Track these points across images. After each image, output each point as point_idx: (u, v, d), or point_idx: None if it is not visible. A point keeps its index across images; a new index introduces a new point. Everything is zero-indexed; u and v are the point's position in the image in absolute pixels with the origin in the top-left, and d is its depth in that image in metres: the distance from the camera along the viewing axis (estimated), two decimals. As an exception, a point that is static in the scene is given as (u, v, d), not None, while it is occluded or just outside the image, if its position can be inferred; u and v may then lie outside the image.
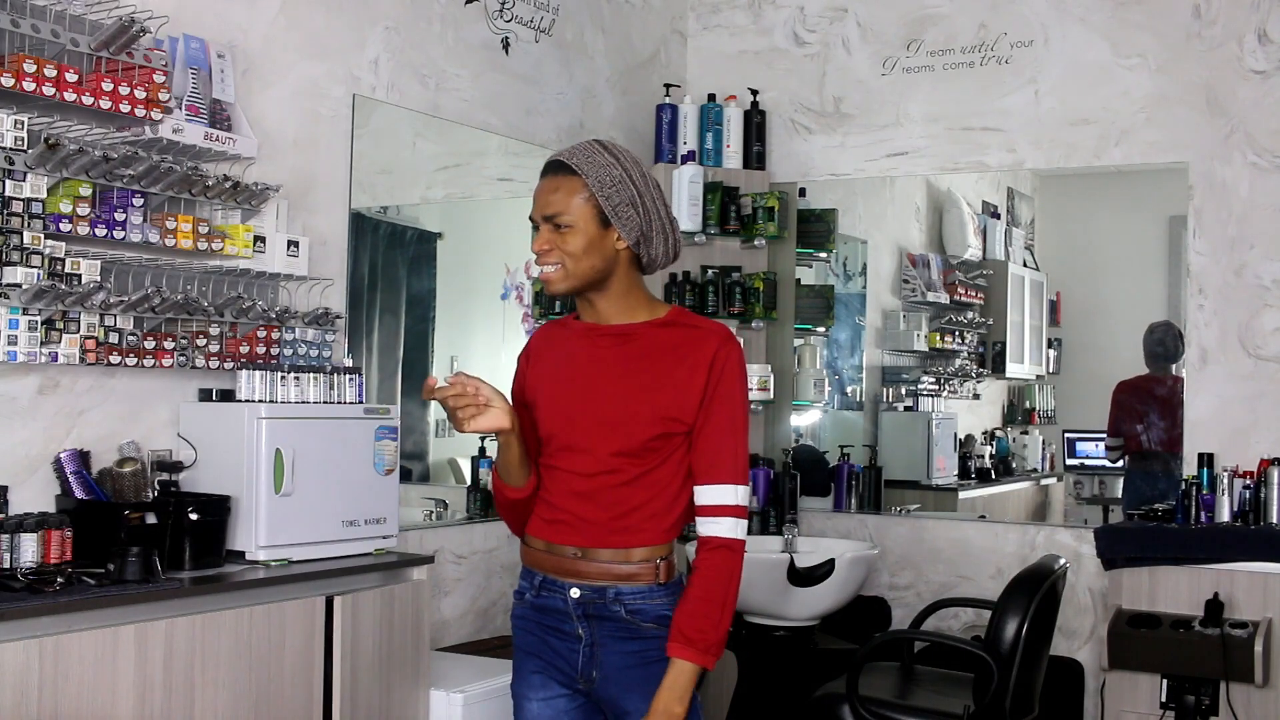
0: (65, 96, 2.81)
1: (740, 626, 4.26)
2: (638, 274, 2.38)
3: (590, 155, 2.30)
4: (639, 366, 2.33)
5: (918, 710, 3.51)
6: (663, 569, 2.33)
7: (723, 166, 4.96)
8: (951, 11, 4.84)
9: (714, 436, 2.30)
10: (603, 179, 2.28)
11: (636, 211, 2.30)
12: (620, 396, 2.31)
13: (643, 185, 2.31)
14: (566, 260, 2.30)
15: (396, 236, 4.18)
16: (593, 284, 2.33)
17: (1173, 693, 3.85)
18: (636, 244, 2.32)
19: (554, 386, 2.39)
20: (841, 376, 5.43)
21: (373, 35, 3.87)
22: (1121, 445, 4.85)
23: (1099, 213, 5.18)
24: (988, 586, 4.44)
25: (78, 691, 2.54)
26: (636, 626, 2.32)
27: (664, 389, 2.29)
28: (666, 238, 2.36)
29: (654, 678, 2.31)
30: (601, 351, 2.36)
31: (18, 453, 2.91)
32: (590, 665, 2.34)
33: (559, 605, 2.35)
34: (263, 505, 3.05)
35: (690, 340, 2.33)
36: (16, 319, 2.80)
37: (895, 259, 5.51)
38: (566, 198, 2.28)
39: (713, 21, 5.28)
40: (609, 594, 2.32)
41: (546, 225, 2.31)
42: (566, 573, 2.35)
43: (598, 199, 2.28)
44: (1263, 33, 4.31)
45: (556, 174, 2.31)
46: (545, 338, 2.50)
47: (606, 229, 2.30)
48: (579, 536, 2.34)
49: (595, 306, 2.38)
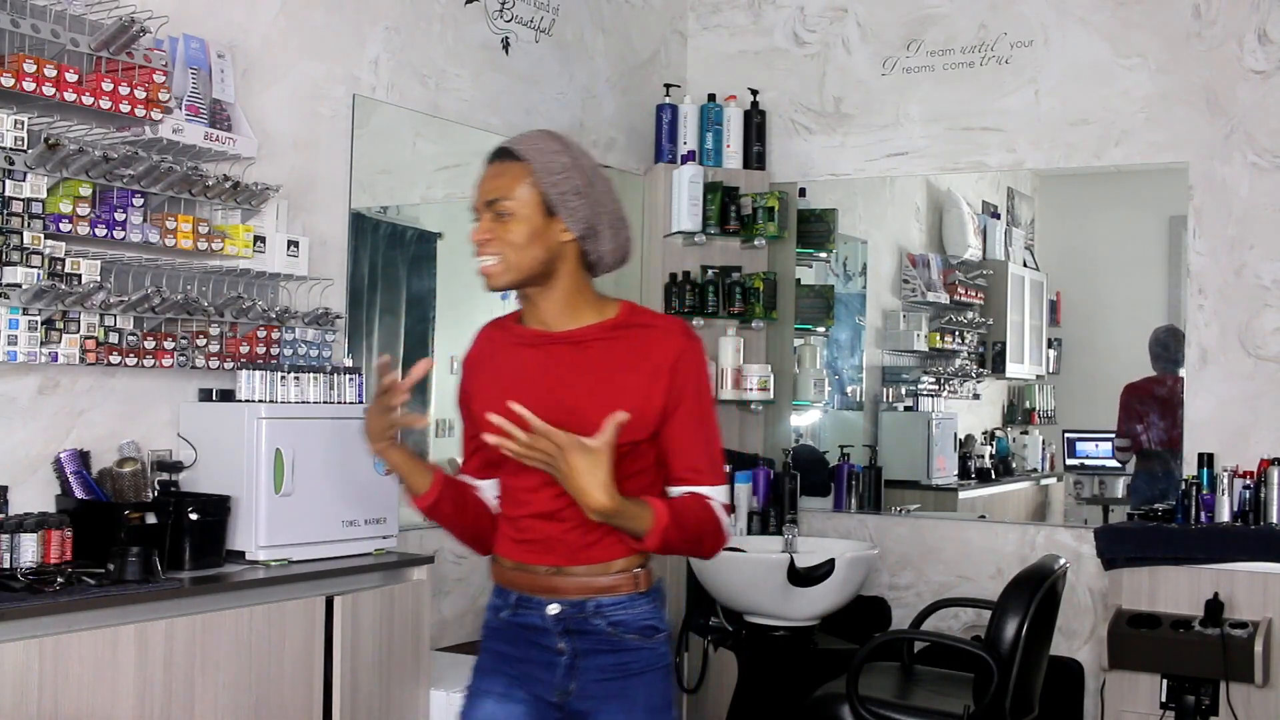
0: (65, 96, 2.81)
1: (740, 626, 4.26)
2: (585, 274, 2.25)
3: (537, 142, 2.19)
4: (596, 376, 2.19)
5: (918, 710, 3.51)
6: (642, 577, 2.24)
7: (723, 166, 4.96)
8: (951, 11, 4.84)
9: (687, 440, 2.20)
10: (549, 165, 2.16)
11: (584, 202, 2.18)
12: (580, 411, 2.15)
13: (592, 176, 2.20)
14: (508, 251, 2.17)
15: (396, 236, 4.18)
16: (535, 279, 2.20)
17: (1173, 693, 3.85)
18: (583, 237, 2.19)
19: (504, 404, 2.19)
20: (841, 376, 5.42)
21: (373, 35, 3.87)
22: (1129, 446, 4.86)
23: (1099, 213, 5.18)
24: (988, 586, 4.44)
25: (78, 691, 2.54)
26: (619, 638, 2.22)
27: (625, 398, 2.16)
28: (616, 235, 2.24)
29: (633, 690, 2.22)
30: (554, 362, 2.22)
31: (18, 453, 2.91)
32: (569, 679, 2.22)
33: (537, 622, 2.23)
34: (263, 505, 3.05)
35: (647, 342, 2.21)
36: (16, 319, 2.80)
37: (895, 259, 5.51)
38: (510, 183, 2.16)
39: (713, 21, 5.28)
40: (589, 607, 2.21)
41: (488, 213, 2.18)
42: (542, 590, 2.23)
43: (543, 186, 2.15)
44: (1263, 33, 4.31)
45: (501, 160, 2.20)
46: (488, 342, 2.34)
47: (551, 219, 2.17)
48: (552, 555, 2.22)
49: (538, 307, 2.25)
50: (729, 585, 4.19)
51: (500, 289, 2.22)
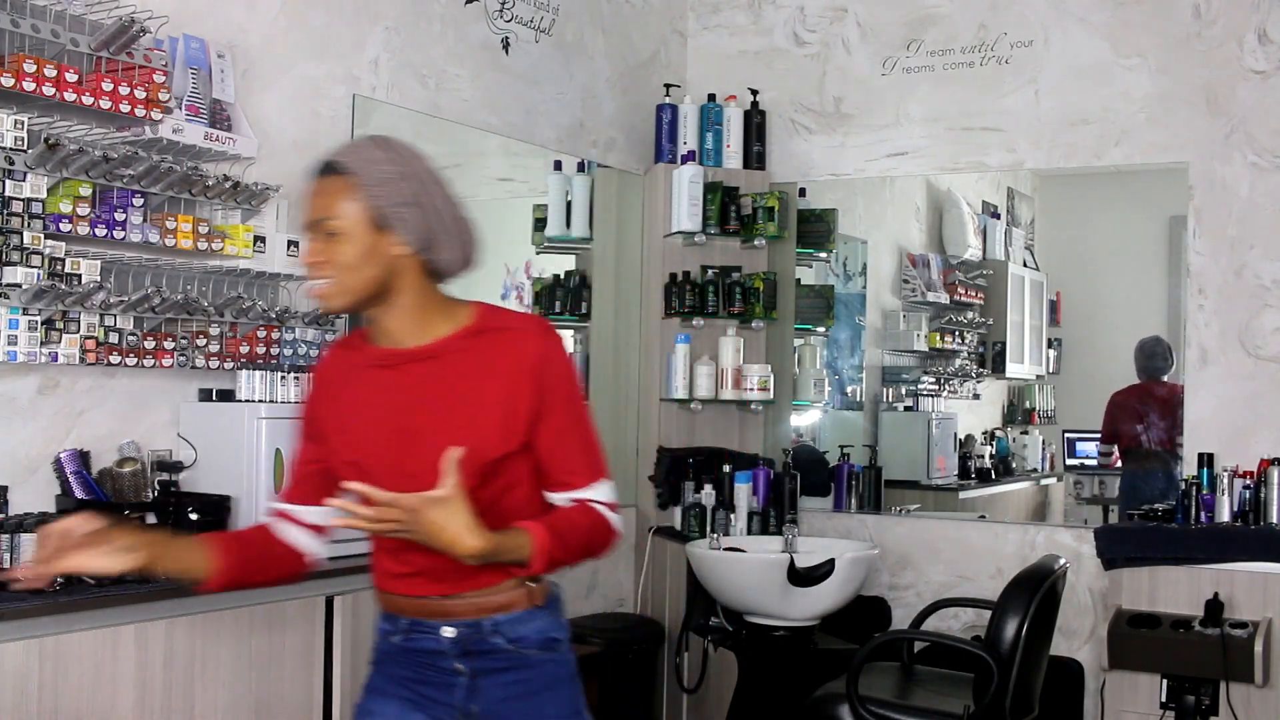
0: (65, 96, 2.81)
1: (740, 626, 4.26)
2: (430, 283, 2.09)
3: (362, 152, 2.04)
4: (456, 392, 2.06)
5: (918, 710, 3.50)
6: (537, 591, 2.13)
7: (723, 166, 4.95)
8: (951, 11, 4.84)
9: (561, 443, 2.09)
10: (375, 177, 2.01)
11: (417, 212, 2.02)
12: (444, 433, 2.02)
13: (424, 182, 2.05)
14: (339, 272, 2.01)
15: (396, 236, 4.18)
16: (374, 298, 2.05)
17: (1173, 693, 3.85)
18: (420, 249, 2.04)
19: (361, 435, 2.09)
20: (841, 376, 5.43)
21: (373, 35, 3.87)
22: (1111, 452, 4.95)
23: (1099, 213, 5.18)
24: (988, 586, 4.44)
25: (78, 691, 2.54)
26: (520, 655, 2.12)
27: (490, 410, 2.04)
28: (458, 241, 2.08)
29: (541, 707, 2.14)
30: (410, 382, 2.08)
31: (18, 453, 2.91)
32: (470, 699, 2.12)
33: (432, 646, 2.12)
34: (263, 505, 3.04)
35: (506, 346, 2.08)
36: (16, 319, 2.80)
37: (895, 259, 5.51)
38: (335, 200, 2.01)
39: (713, 21, 5.28)
40: (485, 626, 2.10)
41: (316, 233, 2.03)
42: (435, 614, 2.11)
43: (370, 200, 2.00)
44: (1263, 33, 4.31)
45: (324, 175, 2.05)
46: (336, 366, 2.18)
47: (383, 233, 2.01)
48: (439, 585, 2.10)
49: (385, 326, 2.09)
50: (729, 585, 4.19)
51: (338, 312, 2.09)
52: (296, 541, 2.18)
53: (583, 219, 4.76)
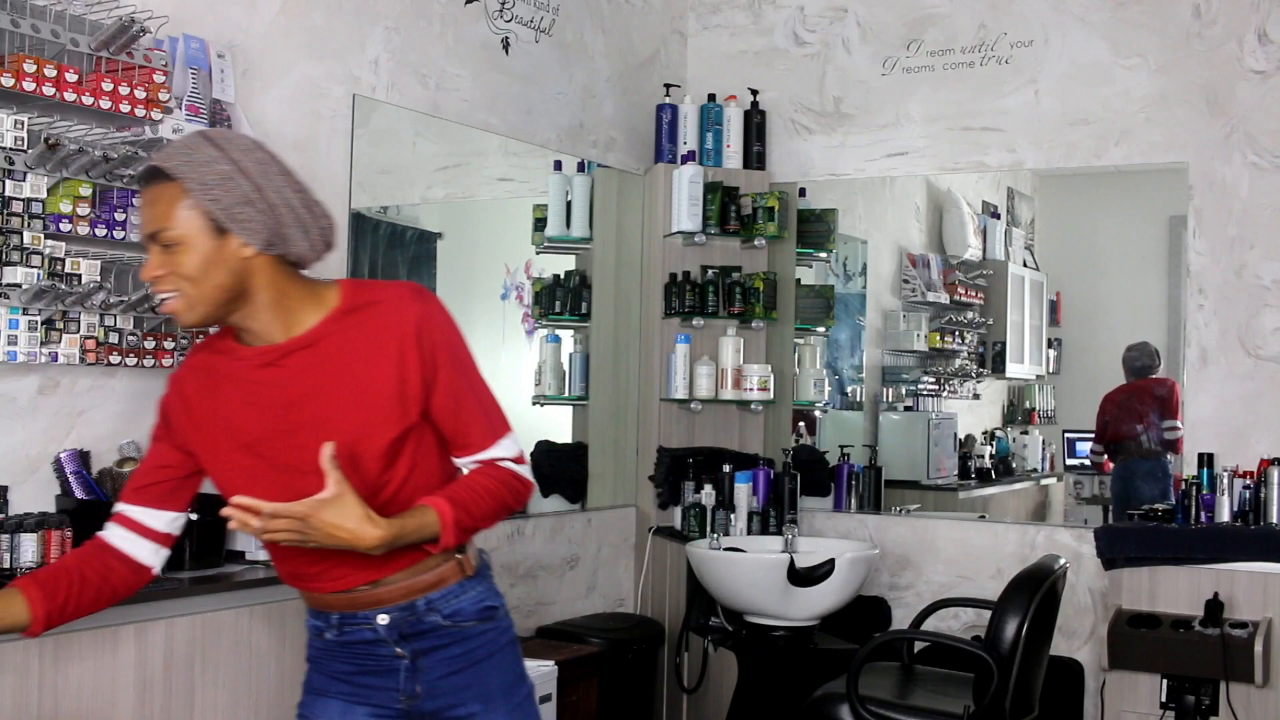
0: (65, 96, 2.81)
1: (740, 626, 4.26)
2: (289, 273, 1.99)
3: (188, 154, 1.90)
4: (341, 377, 1.98)
5: (918, 710, 3.51)
6: (465, 561, 2.10)
7: (723, 166, 4.96)
8: (951, 11, 4.84)
9: (457, 406, 2.03)
10: (205, 179, 1.88)
11: (256, 209, 1.91)
12: (336, 420, 1.96)
13: (260, 176, 1.92)
14: (185, 285, 1.91)
15: (396, 236, 4.18)
16: (230, 304, 1.95)
17: (1173, 693, 3.85)
18: (268, 245, 1.93)
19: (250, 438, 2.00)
20: (841, 376, 5.43)
21: (373, 35, 3.87)
22: (1103, 453, 5.02)
23: (1099, 213, 5.18)
24: (988, 586, 4.44)
25: (78, 691, 2.54)
26: (459, 629, 2.09)
27: (381, 387, 1.97)
28: (309, 229, 1.98)
29: (485, 676, 2.11)
30: (289, 376, 1.98)
31: (18, 453, 2.91)
32: (413, 681, 2.09)
33: (368, 636, 2.08)
34: (263, 505, 3.04)
35: (381, 320, 2.00)
36: (16, 319, 2.80)
37: (895, 259, 5.51)
38: (167, 210, 1.89)
39: (713, 21, 5.28)
40: (420, 607, 2.06)
41: (154, 246, 1.92)
42: (365, 604, 2.06)
43: (204, 204, 1.88)
44: (1263, 33, 4.31)
45: (152, 183, 1.92)
46: (204, 371, 2.06)
47: (224, 237, 1.90)
48: (365, 573, 2.04)
49: (249, 328, 1.99)
50: (729, 585, 4.19)
51: (195, 326, 1.98)
52: (137, 554, 2.09)
53: (583, 219, 4.76)
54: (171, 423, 2.11)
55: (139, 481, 2.13)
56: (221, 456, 2.05)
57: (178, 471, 2.10)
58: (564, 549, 4.59)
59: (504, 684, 2.14)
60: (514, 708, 2.15)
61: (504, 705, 2.14)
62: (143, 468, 2.15)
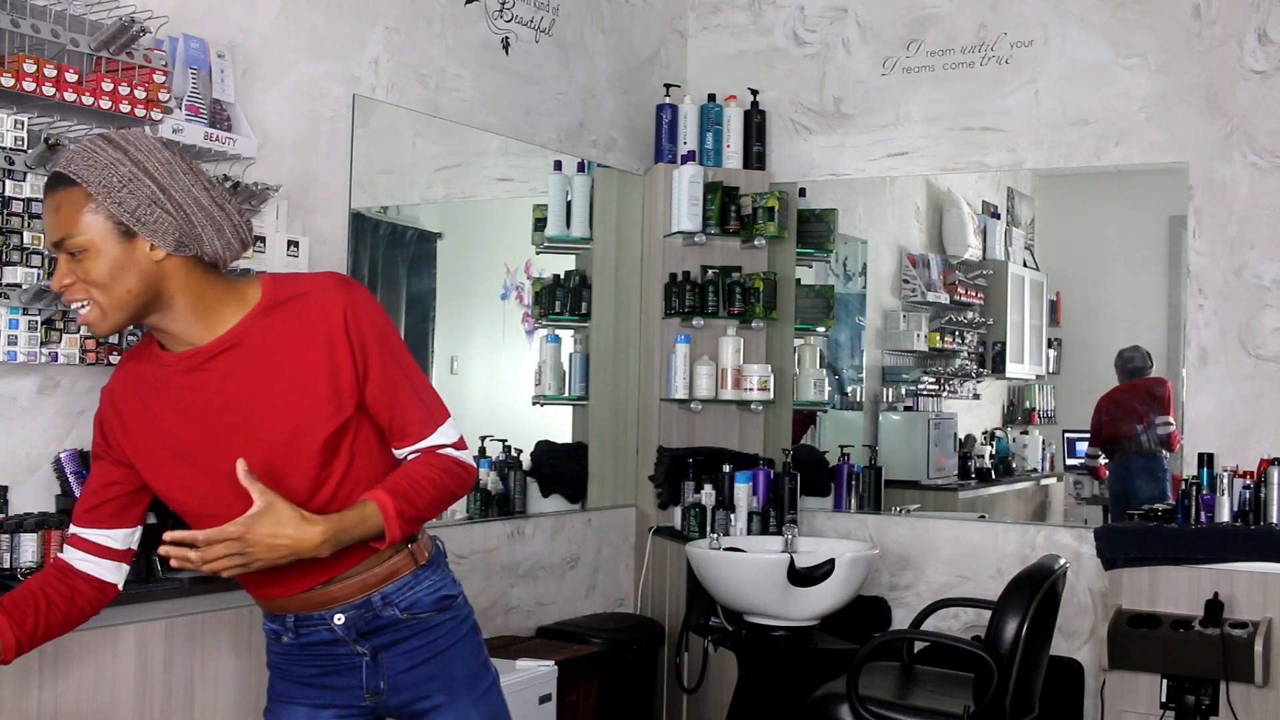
0: (65, 96, 2.81)
1: (740, 626, 4.26)
2: (205, 273, 1.94)
3: (89, 157, 1.86)
4: (270, 375, 1.94)
5: (918, 710, 3.51)
6: (418, 551, 2.07)
7: (723, 166, 4.96)
8: (951, 11, 4.84)
9: (392, 395, 1.99)
10: (108, 181, 1.83)
11: (163, 210, 1.86)
12: (270, 419, 1.94)
13: (165, 176, 1.87)
14: (96, 293, 1.87)
15: (396, 236, 4.18)
16: (146, 309, 1.91)
17: (1173, 693, 3.85)
18: (179, 246, 1.89)
19: (186, 446, 1.97)
20: (841, 376, 5.43)
21: (373, 35, 3.87)
22: (1098, 455, 5.04)
23: (1099, 213, 5.18)
24: (988, 586, 4.44)
25: (78, 691, 2.54)
26: (417, 620, 2.07)
27: (313, 382, 1.94)
28: (221, 227, 1.92)
29: (449, 667, 2.10)
30: (217, 380, 1.95)
31: (18, 453, 2.91)
32: (376, 678, 2.08)
33: (326, 636, 2.07)
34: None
35: (307, 314, 1.95)
36: (16, 319, 2.80)
37: (895, 259, 5.51)
38: (71, 216, 1.84)
39: (713, 21, 5.28)
40: (376, 602, 2.05)
41: (61, 254, 1.88)
42: (320, 604, 2.04)
43: (108, 208, 1.84)
44: (1263, 33, 4.31)
45: (55, 189, 1.87)
46: (133, 382, 2.03)
47: (132, 240, 1.86)
48: (313, 576, 2.01)
49: (170, 333, 1.95)
50: (729, 585, 4.19)
51: (110, 333, 1.95)
52: (100, 573, 2.08)
53: (583, 219, 4.76)
54: (109, 438, 2.07)
55: (88, 502, 2.10)
56: (162, 469, 2.02)
57: (125, 487, 2.08)
58: (564, 549, 4.59)
59: (468, 674, 2.13)
60: (479, 697, 2.14)
61: (469, 695, 2.13)
62: (89, 487, 2.12)
